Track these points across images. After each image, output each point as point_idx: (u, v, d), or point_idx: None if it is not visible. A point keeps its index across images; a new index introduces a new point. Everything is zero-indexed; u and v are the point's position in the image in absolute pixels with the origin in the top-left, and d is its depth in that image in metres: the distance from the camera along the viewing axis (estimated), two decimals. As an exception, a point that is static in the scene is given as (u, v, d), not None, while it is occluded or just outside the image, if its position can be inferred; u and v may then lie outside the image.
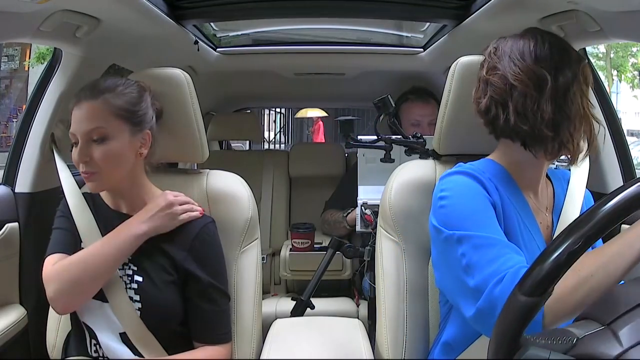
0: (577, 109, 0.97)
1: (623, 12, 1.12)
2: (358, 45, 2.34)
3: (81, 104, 1.10)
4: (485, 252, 0.90)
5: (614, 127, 1.49)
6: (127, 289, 1.10)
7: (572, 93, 0.97)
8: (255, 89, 3.04)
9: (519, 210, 1.02)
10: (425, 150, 1.52)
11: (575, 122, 0.97)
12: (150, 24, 1.52)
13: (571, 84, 0.97)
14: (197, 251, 1.15)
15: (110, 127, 1.09)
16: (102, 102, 1.10)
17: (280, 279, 2.47)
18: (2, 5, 1.08)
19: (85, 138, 1.08)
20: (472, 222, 0.94)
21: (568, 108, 0.96)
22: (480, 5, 1.47)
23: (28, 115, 1.48)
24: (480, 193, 0.97)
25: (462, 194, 0.98)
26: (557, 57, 0.98)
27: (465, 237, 0.93)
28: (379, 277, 1.20)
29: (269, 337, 1.23)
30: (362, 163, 1.74)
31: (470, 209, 0.96)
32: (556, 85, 0.96)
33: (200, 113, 1.27)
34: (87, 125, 1.08)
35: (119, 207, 1.19)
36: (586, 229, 0.59)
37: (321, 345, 1.18)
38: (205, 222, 1.18)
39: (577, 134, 0.98)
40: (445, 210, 0.98)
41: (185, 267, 1.13)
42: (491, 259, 0.88)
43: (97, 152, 1.08)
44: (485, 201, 0.96)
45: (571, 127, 0.97)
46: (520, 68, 0.97)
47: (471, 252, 0.91)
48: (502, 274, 0.85)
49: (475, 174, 0.99)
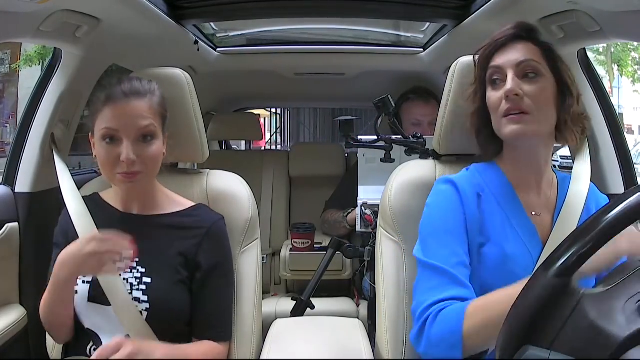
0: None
1: (623, 12, 1.12)
2: (358, 45, 2.34)
3: (127, 100, 1.07)
4: (429, 280, 0.99)
5: (613, 127, 1.49)
6: (135, 290, 1.09)
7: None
8: (255, 89, 3.04)
9: (508, 211, 1.04)
10: (425, 150, 1.52)
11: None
12: (150, 24, 1.52)
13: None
14: (206, 247, 1.15)
15: (157, 125, 1.10)
16: (150, 101, 1.10)
17: (280, 279, 2.47)
18: (2, 5, 1.08)
19: (135, 136, 1.07)
20: (437, 238, 1.02)
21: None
22: (480, 5, 1.47)
23: (28, 115, 1.48)
24: (454, 208, 1.03)
25: (439, 206, 1.06)
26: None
27: (421, 262, 1.02)
28: (379, 277, 1.20)
29: (269, 337, 1.23)
30: (362, 163, 1.74)
31: (440, 224, 1.03)
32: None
33: (200, 113, 1.27)
34: (139, 122, 1.07)
35: (129, 208, 1.18)
36: (613, 215, 0.62)
37: (321, 345, 1.18)
38: (216, 218, 1.20)
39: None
40: (424, 219, 1.07)
41: (195, 261, 1.14)
42: (431, 288, 0.97)
43: (146, 150, 1.08)
44: (456, 216, 1.03)
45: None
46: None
47: (420, 275, 1.02)
48: (432, 310, 0.94)
49: (458, 184, 1.06)
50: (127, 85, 1.10)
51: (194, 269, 1.14)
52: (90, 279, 1.11)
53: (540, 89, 1.01)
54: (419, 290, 1.00)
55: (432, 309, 0.94)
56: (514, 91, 0.99)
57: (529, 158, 1.07)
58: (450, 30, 1.79)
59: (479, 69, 1.08)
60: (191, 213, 1.19)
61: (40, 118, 1.47)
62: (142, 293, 1.09)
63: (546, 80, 1.02)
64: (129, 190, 1.14)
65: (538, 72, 1.02)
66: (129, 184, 1.09)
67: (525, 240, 1.02)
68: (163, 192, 1.21)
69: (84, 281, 1.12)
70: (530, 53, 1.03)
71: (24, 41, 1.39)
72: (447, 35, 1.86)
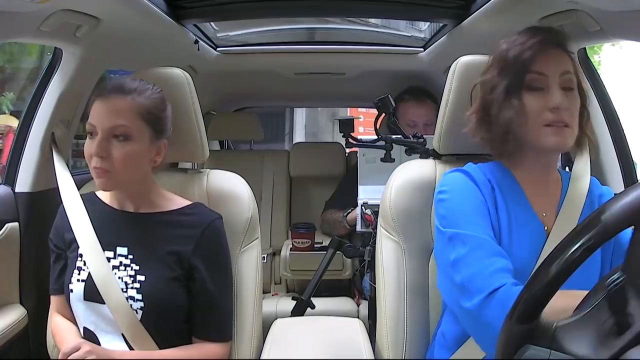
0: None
1: (623, 12, 1.12)
2: (358, 45, 2.34)
3: (108, 97, 1.08)
4: (472, 251, 0.96)
5: (614, 127, 1.49)
6: (129, 289, 1.10)
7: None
8: (255, 89, 3.04)
9: (516, 211, 1.04)
10: (426, 150, 1.52)
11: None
12: (150, 23, 1.52)
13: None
14: (203, 246, 1.14)
15: (135, 127, 1.08)
16: (131, 100, 1.09)
17: (281, 279, 2.47)
18: (2, 5, 1.08)
19: (106, 133, 1.06)
20: (466, 219, 0.99)
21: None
22: (480, 5, 1.47)
23: (28, 115, 1.48)
24: (474, 191, 1.02)
25: (459, 190, 1.04)
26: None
27: (456, 235, 0.98)
28: (380, 277, 1.20)
29: (269, 336, 1.23)
30: (362, 163, 1.74)
31: (465, 206, 1.01)
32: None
33: (200, 113, 1.27)
34: (112, 120, 1.06)
35: (124, 206, 1.18)
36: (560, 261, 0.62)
37: (321, 345, 1.18)
38: (213, 217, 1.18)
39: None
40: (444, 205, 1.04)
41: (190, 262, 1.13)
42: (477, 258, 0.94)
43: (116, 150, 1.07)
44: (478, 199, 1.02)
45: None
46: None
47: (460, 249, 0.97)
48: (491, 288, 0.90)
49: (472, 174, 1.05)
50: (113, 83, 1.11)
51: (189, 268, 1.14)
52: (85, 278, 1.11)
53: (577, 103, 1.02)
54: (466, 262, 0.95)
55: (500, 280, 0.91)
56: (563, 105, 0.99)
57: (546, 163, 1.07)
58: (450, 30, 1.79)
59: (513, 69, 1.02)
60: (188, 211, 1.19)
61: (40, 118, 1.47)
62: (136, 291, 1.09)
63: (576, 93, 1.03)
64: (103, 188, 1.12)
65: (574, 85, 1.02)
66: (99, 180, 1.08)
67: (531, 240, 1.02)
68: (159, 192, 1.20)
69: (78, 279, 1.12)
70: (568, 64, 1.02)
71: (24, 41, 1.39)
72: (447, 35, 1.86)
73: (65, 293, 1.14)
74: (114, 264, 1.12)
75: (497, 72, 1.04)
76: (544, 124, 1.00)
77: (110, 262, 1.12)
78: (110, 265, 1.11)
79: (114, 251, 1.13)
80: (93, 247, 1.12)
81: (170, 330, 1.13)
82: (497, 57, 1.05)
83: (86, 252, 1.12)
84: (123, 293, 1.09)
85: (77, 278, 1.12)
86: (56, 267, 1.19)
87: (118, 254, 1.13)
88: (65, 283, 1.14)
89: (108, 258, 1.12)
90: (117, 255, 1.13)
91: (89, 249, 1.12)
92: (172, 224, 1.16)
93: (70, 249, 1.16)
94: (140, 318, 1.09)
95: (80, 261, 1.13)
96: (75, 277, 1.12)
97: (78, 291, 1.11)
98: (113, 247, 1.13)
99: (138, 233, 1.15)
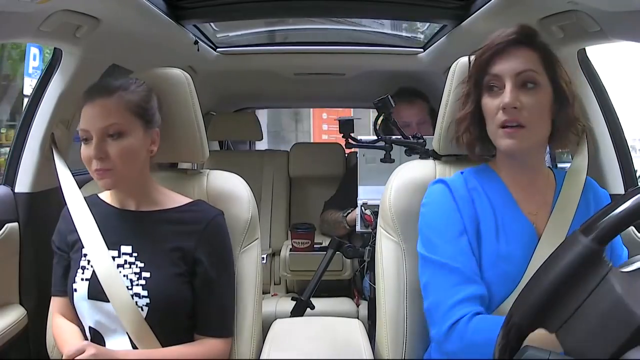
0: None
1: (623, 12, 1.12)
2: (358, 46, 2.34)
3: (95, 100, 1.09)
4: (439, 278, 0.99)
5: (613, 128, 1.49)
6: (135, 286, 1.10)
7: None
8: (255, 89, 3.04)
9: (503, 212, 1.04)
10: (425, 150, 1.52)
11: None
12: (150, 23, 1.52)
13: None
14: (206, 241, 1.15)
15: (126, 123, 1.10)
16: (118, 98, 1.10)
17: (280, 279, 2.47)
18: (2, 5, 1.08)
19: (100, 134, 1.08)
20: (439, 238, 1.02)
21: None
22: (480, 5, 1.47)
23: (28, 115, 1.48)
24: (451, 208, 1.04)
25: (436, 206, 1.06)
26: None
27: (427, 259, 1.03)
28: (379, 277, 1.20)
29: (268, 337, 1.23)
30: (362, 163, 1.74)
31: (440, 223, 1.04)
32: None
33: (200, 113, 1.27)
34: (103, 121, 1.08)
35: (126, 206, 1.19)
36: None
37: (321, 345, 1.18)
38: (215, 213, 1.19)
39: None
40: (422, 219, 1.08)
41: (194, 257, 1.14)
42: (443, 287, 0.98)
43: (113, 148, 1.08)
44: (453, 218, 1.03)
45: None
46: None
47: (429, 273, 1.02)
48: (450, 321, 0.94)
49: (452, 186, 1.06)
50: (96, 85, 1.13)
51: (193, 264, 1.14)
52: (89, 277, 1.12)
53: (538, 101, 1.00)
54: (432, 289, 1.00)
55: (460, 311, 0.94)
56: (512, 104, 0.98)
57: (523, 163, 1.07)
58: (450, 30, 1.79)
59: (475, 72, 1.05)
60: (190, 208, 1.20)
61: (40, 118, 1.47)
62: (142, 288, 1.10)
63: (544, 90, 1.01)
64: (107, 188, 1.13)
65: (536, 82, 1.00)
66: (102, 181, 1.10)
67: (522, 240, 1.02)
68: (159, 190, 1.21)
69: (82, 278, 1.12)
70: (530, 62, 1.01)
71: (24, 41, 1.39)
72: (447, 36, 1.86)
73: (69, 293, 1.14)
74: (118, 263, 1.12)
75: (468, 78, 1.08)
76: (498, 125, 1.01)
77: (115, 260, 1.12)
78: (115, 263, 1.12)
79: (118, 250, 1.14)
80: (97, 245, 1.13)
81: (174, 326, 1.13)
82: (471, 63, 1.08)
83: (90, 250, 1.13)
84: (128, 291, 1.09)
85: (81, 277, 1.13)
86: (58, 268, 1.20)
87: (122, 253, 1.13)
88: (68, 283, 1.15)
89: (112, 257, 1.13)
90: (122, 253, 1.13)
91: (93, 247, 1.13)
92: (174, 221, 1.17)
93: (73, 250, 1.17)
94: (145, 315, 1.09)
95: (84, 260, 1.14)
96: (79, 277, 1.13)
97: (82, 290, 1.11)
98: (117, 246, 1.14)
99: (141, 231, 1.15)
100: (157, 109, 1.18)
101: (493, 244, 1.02)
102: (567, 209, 1.04)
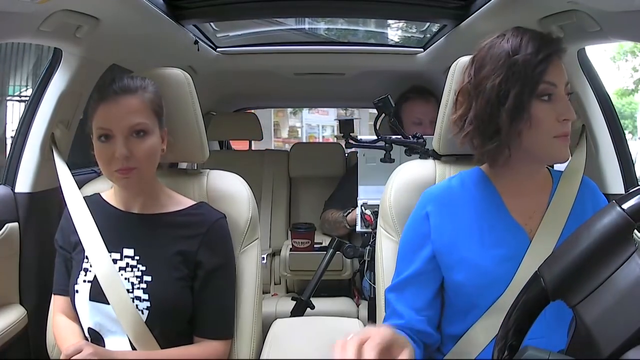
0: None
1: (623, 12, 1.12)
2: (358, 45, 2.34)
3: (117, 98, 1.09)
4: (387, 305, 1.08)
5: (613, 127, 1.48)
6: (136, 289, 1.10)
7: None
8: (255, 89, 3.04)
9: (490, 219, 1.03)
10: (425, 150, 1.52)
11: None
12: (150, 24, 1.52)
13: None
14: (208, 243, 1.15)
15: (150, 121, 1.11)
16: (141, 97, 1.11)
17: (280, 279, 2.47)
18: (2, 5, 1.08)
19: (126, 132, 1.08)
20: (404, 254, 1.08)
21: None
22: (480, 5, 1.47)
23: (28, 115, 1.48)
24: (418, 226, 1.07)
25: (411, 220, 1.10)
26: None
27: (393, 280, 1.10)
28: (379, 277, 1.20)
29: (268, 337, 1.23)
30: (362, 163, 1.74)
31: (407, 242, 1.09)
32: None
33: (200, 113, 1.27)
34: (129, 119, 1.08)
35: (130, 207, 1.18)
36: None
37: (321, 345, 1.18)
38: (218, 217, 1.20)
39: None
40: (401, 239, 1.13)
41: (195, 260, 1.14)
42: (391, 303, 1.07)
43: (139, 147, 1.08)
44: (419, 235, 1.06)
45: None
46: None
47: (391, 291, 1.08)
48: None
49: (427, 199, 1.08)
50: (117, 83, 1.11)
51: (195, 267, 1.14)
52: (92, 279, 1.11)
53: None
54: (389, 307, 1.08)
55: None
56: (573, 117, 0.98)
57: (537, 170, 1.06)
58: (450, 30, 1.79)
59: (525, 77, 0.95)
60: (193, 211, 1.20)
61: (40, 118, 1.47)
62: (143, 292, 1.10)
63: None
64: (128, 188, 1.14)
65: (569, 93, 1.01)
66: (125, 180, 1.10)
67: (512, 246, 1.00)
68: (164, 191, 1.21)
69: (85, 280, 1.12)
70: (566, 73, 1.01)
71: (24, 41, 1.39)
72: (447, 36, 1.86)
73: (70, 294, 1.14)
74: (120, 265, 1.12)
75: (503, 78, 0.96)
76: (554, 135, 0.97)
77: (117, 263, 1.12)
78: (116, 266, 1.12)
79: (121, 252, 1.14)
80: (97, 247, 1.13)
81: (174, 330, 1.13)
82: (502, 62, 0.96)
83: (91, 253, 1.13)
84: (129, 294, 1.09)
85: (83, 279, 1.12)
86: (61, 267, 1.20)
87: (125, 255, 1.13)
88: (70, 284, 1.15)
89: (115, 259, 1.13)
90: (124, 256, 1.13)
91: (93, 249, 1.13)
92: (177, 225, 1.17)
93: (75, 251, 1.17)
94: (145, 318, 1.09)
95: (86, 262, 1.14)
96: (82, 278, 1.13)
97: (84, 292, 1.11)
98: (120, 249, 1.14)
99: (144, 234, 1.15)
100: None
101: (476, 251, 1.00)
102: (562, 209, 1.04)
